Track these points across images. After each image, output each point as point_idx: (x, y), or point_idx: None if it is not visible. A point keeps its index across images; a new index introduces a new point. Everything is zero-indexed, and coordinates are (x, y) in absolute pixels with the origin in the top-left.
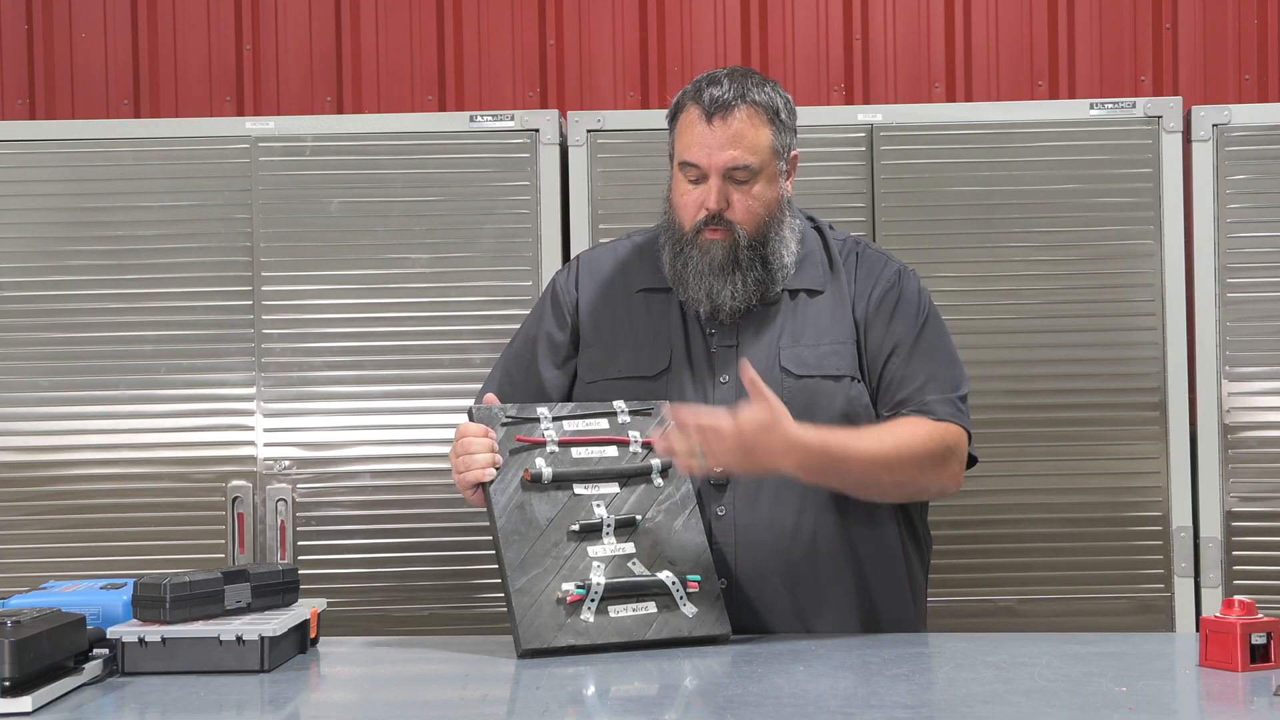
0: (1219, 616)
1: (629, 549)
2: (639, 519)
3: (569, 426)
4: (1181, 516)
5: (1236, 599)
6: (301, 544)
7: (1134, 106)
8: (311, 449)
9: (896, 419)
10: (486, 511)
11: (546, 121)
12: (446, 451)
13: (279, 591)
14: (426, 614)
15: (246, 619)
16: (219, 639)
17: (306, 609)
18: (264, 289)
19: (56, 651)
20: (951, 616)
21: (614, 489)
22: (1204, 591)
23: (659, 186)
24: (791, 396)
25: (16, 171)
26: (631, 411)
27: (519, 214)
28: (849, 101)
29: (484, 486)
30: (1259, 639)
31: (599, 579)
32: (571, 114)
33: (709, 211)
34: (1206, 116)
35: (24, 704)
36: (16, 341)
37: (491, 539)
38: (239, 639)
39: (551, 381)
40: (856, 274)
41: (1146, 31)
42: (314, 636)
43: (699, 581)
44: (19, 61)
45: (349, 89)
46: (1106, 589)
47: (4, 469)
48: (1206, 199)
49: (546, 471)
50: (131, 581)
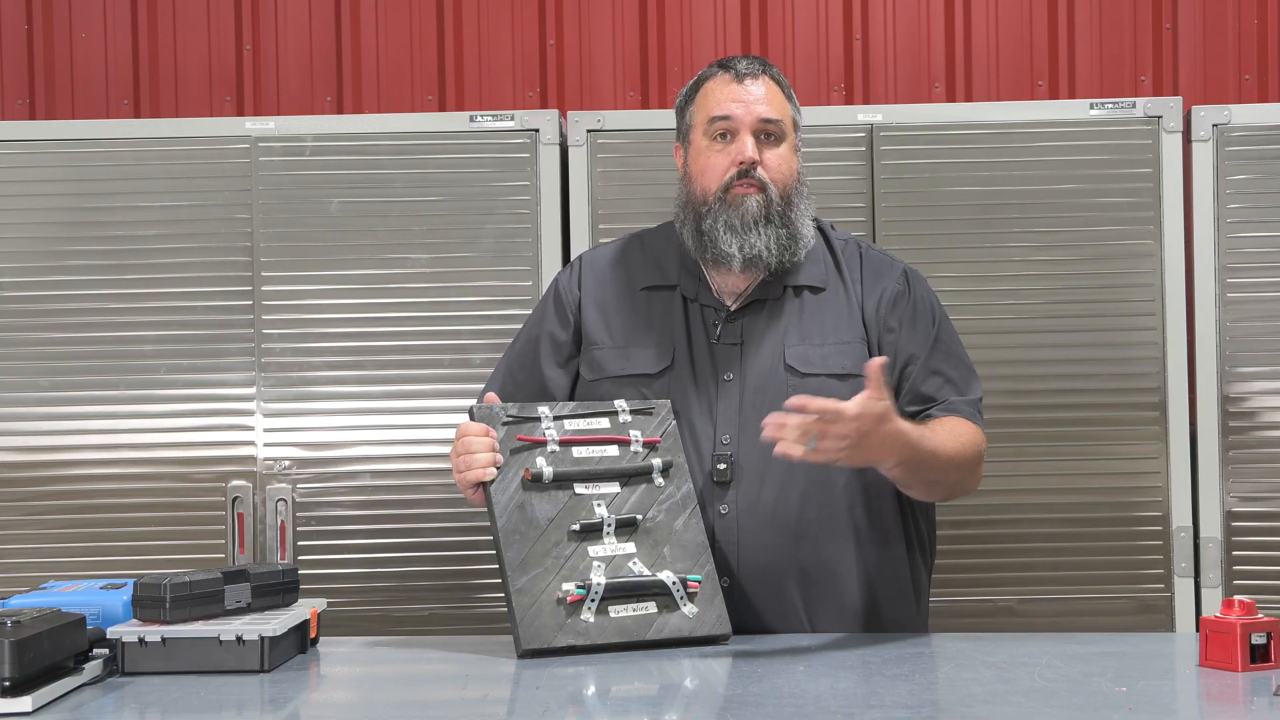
0: (1219, 616)
1: (629, 549)
2: (640, 519)
3: (570, 426)
4: (1181, 516)
5: (1236, 599)
6: (301, 544)
7: (1134, 106)
8: (311, 449)
9: (946, 419)
10: (487, 511)
11: (546, 121)
12: (447, 451)
13: (279, 591)
14: (426, 614)
15: (246, 619)
16: (219, 639)
17: (306, 609)
18: (264, 289)
19: (56, 651)
20: (952, 616)
21: (615, 488)
22: (1204, 591)
23: (659, 186)
24: (796, 395)
25: (16, 171)
26: (633, 411)
27: (519, 214)
28: (849, 101)
29: (485, 486)
30: (1259, 639)
31: (599, 579)
32: (571, 114)
33: (744, 164)
34: (1206, 116)
35: (24, 704)
36: (16, 341)
37: (492, 538)
38: (239, 639)
39: (554, 381)
40: (862, 274)
41: (1146, 31)
42: (314, 636)
43: (699, 582)
44: (19, 61)
45: (349, 89)
46: (1106, 589)
47: (4, 469)
48: (1206, 199)
49: (547, 471)
50: (131, 581)
